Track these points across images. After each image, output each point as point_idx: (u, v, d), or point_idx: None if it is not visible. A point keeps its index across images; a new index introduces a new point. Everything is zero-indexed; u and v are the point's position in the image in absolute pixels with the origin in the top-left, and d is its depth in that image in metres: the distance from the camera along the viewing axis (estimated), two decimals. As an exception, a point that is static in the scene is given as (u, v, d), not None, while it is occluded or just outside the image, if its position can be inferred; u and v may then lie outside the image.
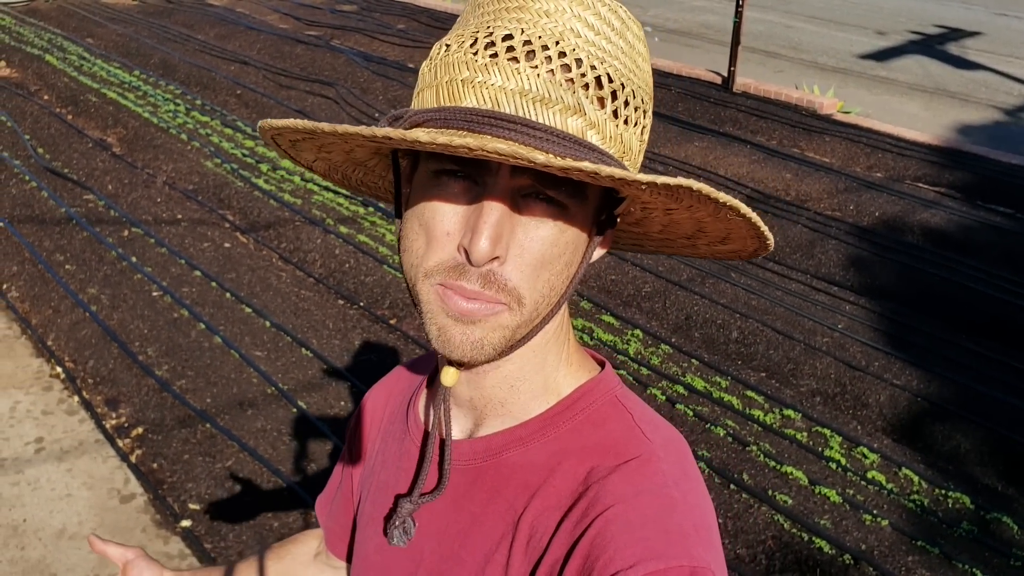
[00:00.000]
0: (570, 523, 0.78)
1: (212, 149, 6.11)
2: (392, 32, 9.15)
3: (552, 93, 0.73)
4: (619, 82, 0.76)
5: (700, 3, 11.76)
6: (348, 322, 4.28)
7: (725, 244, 0.85)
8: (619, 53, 0.77)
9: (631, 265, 4.75)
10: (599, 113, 0.75)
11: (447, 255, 0.76)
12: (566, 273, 0.79)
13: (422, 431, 0.95)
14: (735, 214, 0.74)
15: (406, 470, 0.94)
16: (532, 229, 0.76)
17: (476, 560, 0.84)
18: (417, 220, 0.79)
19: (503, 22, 0.76)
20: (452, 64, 0.76)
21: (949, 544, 3.10)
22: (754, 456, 3.47)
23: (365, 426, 1.08)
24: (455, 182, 0.76)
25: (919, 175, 6.10)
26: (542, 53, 0.73)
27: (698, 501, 0.80)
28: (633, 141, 0.79)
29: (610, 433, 0.84)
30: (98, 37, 8.65)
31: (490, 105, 0.73)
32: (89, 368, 3.88)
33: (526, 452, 0.85)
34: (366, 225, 5.19)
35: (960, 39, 10.17)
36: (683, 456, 0.84)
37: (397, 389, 1.05)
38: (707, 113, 7.13)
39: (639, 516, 0.75)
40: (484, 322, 0.77)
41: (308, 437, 3.50)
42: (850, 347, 4.10)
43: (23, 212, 5.19)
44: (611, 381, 0.89)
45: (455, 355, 0.79)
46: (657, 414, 0.89)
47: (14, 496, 3.21)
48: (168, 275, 4.57)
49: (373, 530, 0.97)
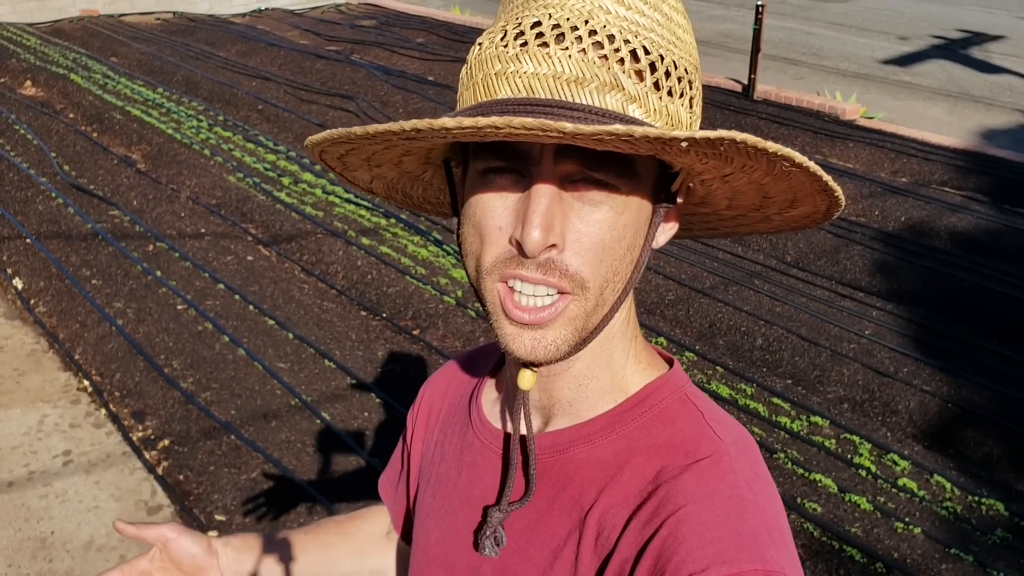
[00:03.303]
0: (639, 522, 0.77)
1: (234, 164, 6.15)
2: (411, 46, 9.19)
3: (586, 72, 0.71)
4: (657, 53, 0.74)
5: (719, 12, 11.75)
6: (371, 333, 4.28)
7: (795, 208, 0.82)
8: (655, 26, 0.75)
9: (654, 273, 4.73)
10: (639, 87, 0.73)
11: (502, 249, 0.75)
12: (629, 257, 0.77)
13: (488, 429, 0.93)
14: (791, 164, 0.71)
15: (479, 469, 0.92)
16: (587, 214, 0.74)
17: (544, 555, 0.83)
18: (470, 221, 0.78)
19: (531, 10, 0.75)
20: (485, 60, 0.75)
21: (983, 552, 3.04)
22: (782, 464, 3.43)
23: (424, 415, 1.07)
24: (501, 177, 0.75)
25: (945, 179, 6.04)
26: (572, 34, 0.72)
27: (770, 502, 0.78)
28: (682, 112, 0.76)
29: (680, 431, 0.82)
30: (122, 56, 8.75)
31: (525, 93, 0.72)
32: (116, 381, 3.91)
33: (593, 449, 0.84)
34: (388, 236, 5.20)
35: (983, 43, 10.08)
36: (753, 455, 0.82)
37: (456, 381, 1.05)
38: (728, 121, 7.10)
39: (711, 517, 0.74)
40: (553, 323, 0.76)
41: (332, 448, 3.50)
42: (877, 353, 4.05)
43: (50, 228, 5.24)
44: (680, 379, 0.87)
45: (529, 359, 0.78)
46: (726, 413, 0.87)
47: (42, 509, 3.23)
48: (192, 288, 4.60)
49: (435, 522, 0.96)
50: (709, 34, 10.59)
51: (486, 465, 0.92)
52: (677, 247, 5.07)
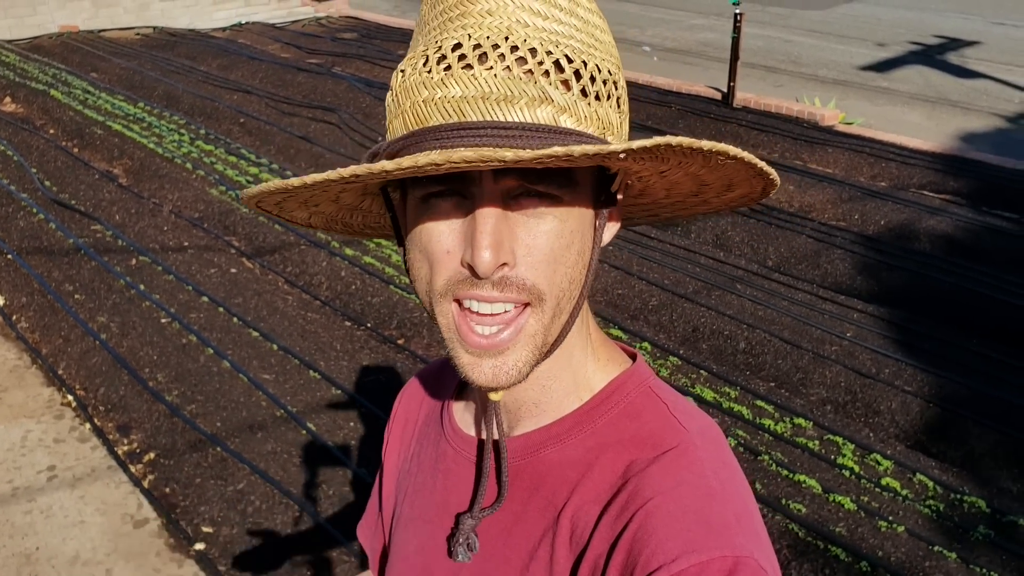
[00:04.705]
0: (611, 516, 0.78)
1: (217, 177, 6.14)
2: (393, 57, 9.21)
3: (514, 89, 0.72)
4: (580, 60, 0.74)
5: (698, 21, 11.83)
6: (355, 343, 4.29)
7: (732, 191, 0.84)
8: (573, 32, 0.75)
9: (637, 279, 4.75)
10: (567, 96, 0.73)
11: (452, 271, 0.75)
12: (581, 262, 0.78)
13: (461, 436, 0.94)
14: (726, 158, 0.72)
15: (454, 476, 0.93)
16: (533, 226, 0.74)
17: (520, 557, 0.84)
18: (416, 247, 0.78)
19: (449, 32, 0.75)
20: (411, 88, 0.75)
21: (966, 548, 3.07)
22: (766, 465, 3.45)
23: (399, 427, 1.08)
24: (443, 201, 0.75)
25: (923, 183, 6.10)
26: (494, 53, 0.72)
27: (737, 489, 0.79)
28: (611, 115, 0.77)
29: (646, 424, 0.83)
30: (102, 71, 8.73)
31: (456, 118, 0.72)
32: (100, 395, 3.89)
33: (563, 448, 0.84)
34: (371, 247, 5.21)
35: (959, 48, 10.20)
36: (719, 444, 0.83)
37: (430, 391, 1.05)
38: (708, 129, 7.15)
39: (679, 508, 0.74)
40: (513, 345, 0.76)
41: (318, 458, 3.50)
42: (859, 355, 4.09)
43: (31, 244, 5.22)
44: (644, 372, 0.88)
45: (492, 387, 0.78)
46: (692, 403, 0.88)
47: (27, 524, 3.21)
48: (176, 302, 4.59)
49: (413, 532, 0.96)
50: (689, 43, 10.66)
51: (461, 472, 0.92)
52: (659, 253, 5.10)
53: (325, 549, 3.07)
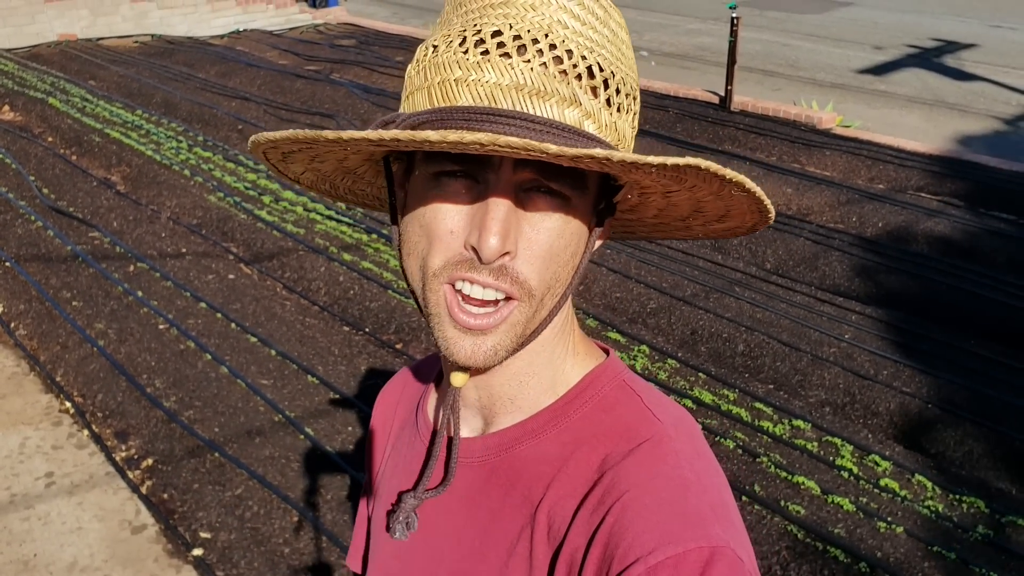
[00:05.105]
0: (587, 510, 0.78)
1: (215, 183, 6.15)
2: (391, 64, 9.23)
3: (547, 86, 0.73)
4: (609, 71, 0.76)
5: (695, 26, 11.86)
6: (354, 348, 4.28)
7: (723, 222, 0.85)
8: (605, 42, 0.77)
9: (635, 283, 4.75)
10: (594, 103, 0.75)
11: (453, 252, 0.76)
12: (571, 264, 0.79)
13: (426, 425, 0.95)
14: (739, 190, 0.73)
15: (414, 464, 0.94)
16: (538, 222, 0.75)
17: (499, 554, 0.84)
18: (418, 223, 0.78)
19: (490, 19, 0.76)
20: (442, 64, 0.75)
21: (965, 549, 3.07)
22: (765, 467, 3.45)
23: (376, 443, 1.08)
24: (455, 181, 0.75)
25: (921, 185, 6.11)
26: (533, 47, 0.73)
27: (712, 480, 0.79)
28: (626, 128, 0.79)
29: (621, 417, 0.83)
30: (100, 79, 8.74)
31: (487, 102, 0.73)
32: (98, 402, 3.89)
33: (538, 444, 0.85)
34: (370, 252, 5.21)
35: (956, 51, 10.22)
36: (694, 434, 0.84)
37: (405, 395, 1.05)
38: (706, 132, 7.16)
39: (655, 500, 0.74)
40: (495, 330, 0.77)
41: (316, 463, 3.49)
42: (858, 356, 4.09)
43: (29, 251, 5.22)
44: (617, 366, 0.89)
45: (468, 364, 0.78)
46: (665, 395, 0.88)
47: (24, 531, 3.21)
48: (174, 308, 4.59)
49: (388, 535, 0.96)
50: (686, 47, 10.68)
51: (419, 458, 0.93)
52: (658, 256, 5.10)
53: (323, 554, 3.06)
